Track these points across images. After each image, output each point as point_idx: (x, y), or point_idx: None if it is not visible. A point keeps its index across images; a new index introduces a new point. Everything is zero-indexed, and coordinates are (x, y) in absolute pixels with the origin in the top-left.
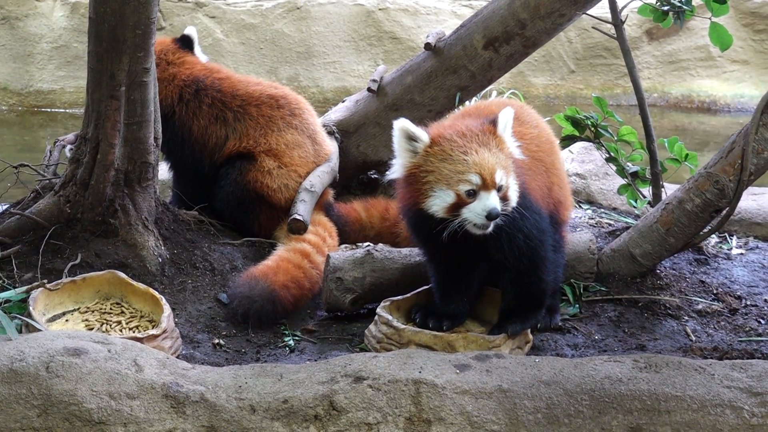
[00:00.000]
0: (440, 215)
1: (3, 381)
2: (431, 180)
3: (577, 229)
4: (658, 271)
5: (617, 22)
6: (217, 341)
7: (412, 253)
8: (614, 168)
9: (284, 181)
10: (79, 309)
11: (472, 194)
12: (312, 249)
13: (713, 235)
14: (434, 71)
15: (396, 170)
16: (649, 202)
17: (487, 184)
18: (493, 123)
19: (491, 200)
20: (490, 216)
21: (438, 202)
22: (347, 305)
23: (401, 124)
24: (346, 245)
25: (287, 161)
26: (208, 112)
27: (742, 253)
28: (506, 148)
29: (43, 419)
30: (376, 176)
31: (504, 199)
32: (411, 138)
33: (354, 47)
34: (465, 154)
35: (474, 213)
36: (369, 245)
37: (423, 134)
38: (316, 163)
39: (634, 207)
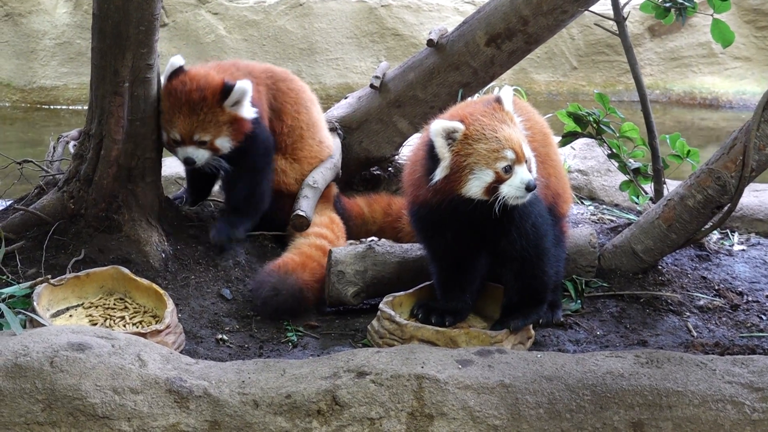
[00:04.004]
0: (478, 197)
1: (7, 375)
2: (470, 162)
3: (579, 225)
4: (659, 267)
5: (619, 18)
6: (220, 336)
7: (413, 248)
8: (616, 164)
9: (298, 176)
10: (82, 304)
11: (509, 170)
12: (330, 246)
13: (715, 232)
14: (437, 68)
15: (441, 170)
16: (650, 199)
17: (519, 158)
18: (499, 101)
19: (526, 172)
20: (529, 187)
21: (477, 184)
22: (349, 298)
23: (438, 126)
24: (351, 241)
25: (299, 155)
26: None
27: (743, 250)
28: (516, 123)
29: (47, 414)
30: (378, 172)
31: (530, 171)
32: (450, 133)
33: (356, 44)
34: (495, 131)
35: (514, 187)
36: (374, 239)
37: (457, 123)
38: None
39: (636, 203)
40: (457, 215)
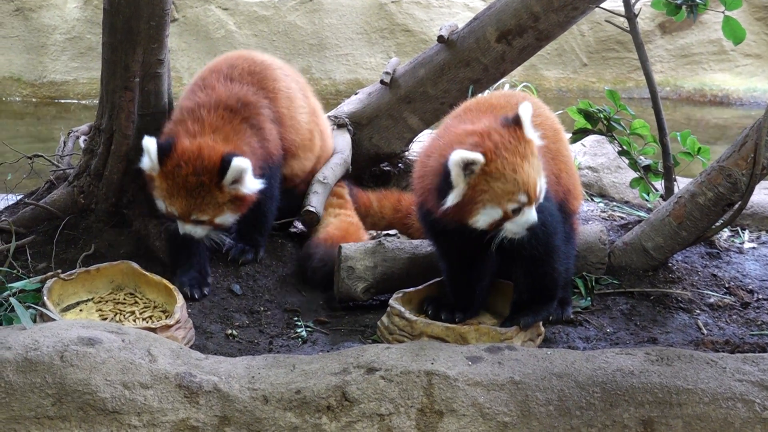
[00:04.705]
0: (483, 229)
1: (18, 370)
2: (485, 199)
3: (589, 222)
4: (670, 264)
5: (630, 15)
6: (230, 332)
7: (422, 244)
8: (627, 161)
9: (301, 166)
10: (93, 299)
11: (517, 211)
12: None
13: (725, 229)
14: (447, 64)
15: (452, 199)
16: (661, 196)
17: (531, 200)
18: (517, 122)
19: (533, 215)
20: (530, 229)
21: (485, 219)
22: (359, 294)
23: (457, 156)
24: (371, 232)
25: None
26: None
27: (754, 247)
28: (536, 151)
29: (57, 408)
30: (388, 168)
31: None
32: (468, 164)
33: (366, 40)
34: (515, 172)
35: (517, 225)
36: (395, 232)
37: (478, 156)
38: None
39: (647, 200)
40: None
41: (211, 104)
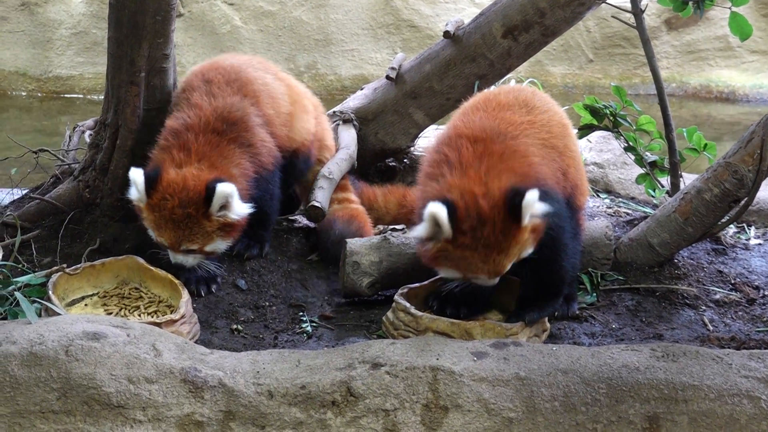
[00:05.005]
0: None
1: (23, 364)
2: (445, 262)
3: (595, 218)
4: (675, 260)
5: (637, 11)
6: (235, 327)
7: None
8: (633, 157)
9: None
10: (98, 294)
11: (476, 279)
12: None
13: (731, 225)
14: (453, 59)
15: (417, 234)
16: (667, 192)
17: (495, 278)
18: (516, 214)
19: (493, 282)
20: (498, 281)
21: (446, 273)
22: (364, 289)
23: (434, 210)
24: (380, 227)
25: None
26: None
27: (760, 244)
28: (527, 236)
29: (62, 402)
30: (394, 164)
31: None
32: (437, 225)
33: (372, 35)
34: (483, 261)
35: (482, 281)
36: (402, 227)
37: (447, 229)
38: None
39: (653, 196)
40: None
41: (198, 128)
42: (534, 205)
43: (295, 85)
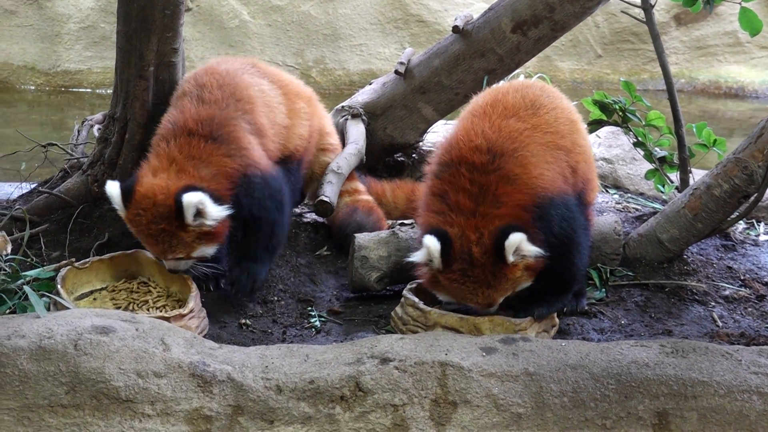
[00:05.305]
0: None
1: (32, 358)
2: (439, 288)
3: (604, 214)
4: (685, 256)
5: (647, 6)
6: (243, 321)
7: None
8: (642, 153)
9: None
10: (106, 288)
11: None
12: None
13: (741, 221)
14: (462, 54)
15: (414, 258)
16: (676, 188)
17: (487, 308)
18: (500, 255)
19: (493, 308)
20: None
21: (442, 297)
22: (372, 283)
23: (430, 243)
24: (391, 221)
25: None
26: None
27: None
28: (519, 273)
29: (71, 396)
30: (402, 159)
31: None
32: (430, 257)
33: (380, 30)
34: (473, 294)
35: (476, 308)
36: (411, 222)
37: (437, 261)
38: None
39: (662, 192)
40: None
41: (173, 133)
42: (518, 245)
43: (289, 84)
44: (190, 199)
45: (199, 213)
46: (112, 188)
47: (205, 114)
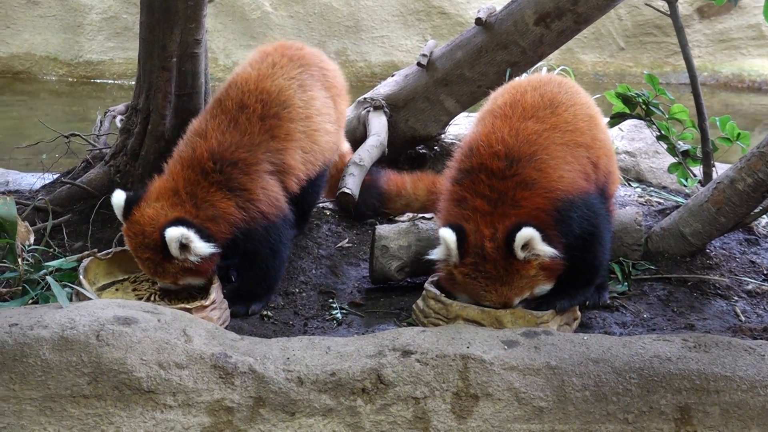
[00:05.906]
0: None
1: (54, 348)
2: (456, 286)
3: (626, 207)
4: (707, 250)
5: None
6: (265, 313)
7: None
8: (665, 146)
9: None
10: (128, 279)
11: None
12: None
13: (764, 216)
14: (485, 46)
15: (433, 255)
16: (699, 181)
17: (503, 308)
18: (511, 250)
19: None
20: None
21: (459, 297)
22: (393, 273)
23: (446, 235)
24: (408, 213)
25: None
26: None
27: None
28: (534, 272)
29: (93, 387)
30: (424, 151)
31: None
32: (449, 250)
33: (402, 22)
34: (486, 291)
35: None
36: (431, 216)
37: (454, 254)
38: None
39: (685, 186)
40: None
41: (190, 162)
42: (528, 240)
43: (337, 84)
44: (173, 233)
45: (185, 247)
46: (118, 198)
47: (229, 154)
